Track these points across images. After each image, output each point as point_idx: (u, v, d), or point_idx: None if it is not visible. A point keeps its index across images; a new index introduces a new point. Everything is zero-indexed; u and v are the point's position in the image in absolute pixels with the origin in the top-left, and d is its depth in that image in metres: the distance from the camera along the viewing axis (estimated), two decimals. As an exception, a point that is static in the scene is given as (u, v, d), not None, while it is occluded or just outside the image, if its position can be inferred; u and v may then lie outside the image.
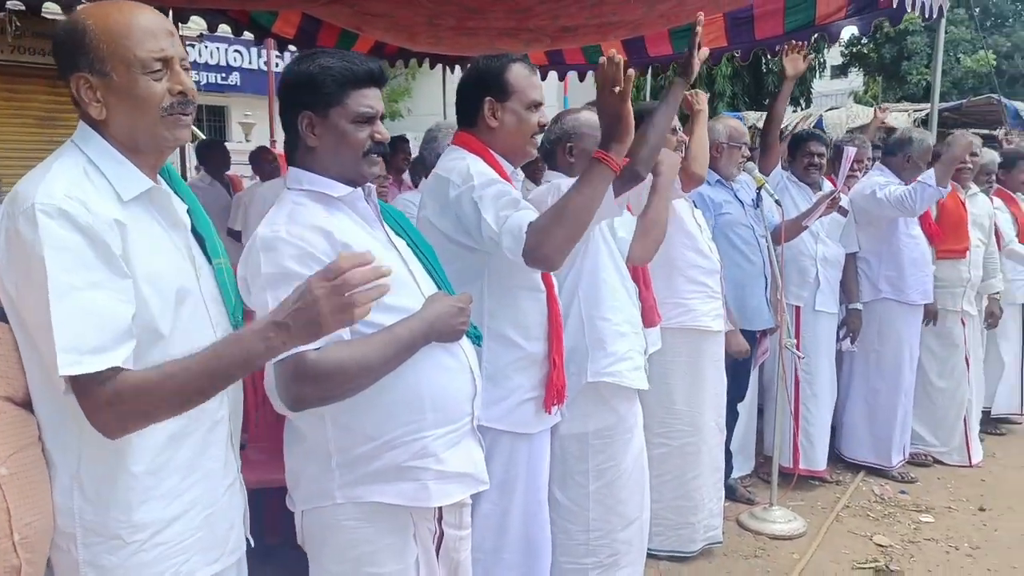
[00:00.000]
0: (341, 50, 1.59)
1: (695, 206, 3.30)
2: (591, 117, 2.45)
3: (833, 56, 19.73)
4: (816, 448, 3.95)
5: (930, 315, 4.10)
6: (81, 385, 1.20)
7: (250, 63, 14.50)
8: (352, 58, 1.56)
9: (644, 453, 2.52)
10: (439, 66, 6.65)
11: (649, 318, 2.67)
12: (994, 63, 14.80)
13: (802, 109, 16.16)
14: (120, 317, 1.22)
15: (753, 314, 3.44)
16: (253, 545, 1.56)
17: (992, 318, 4.40)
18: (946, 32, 16.58)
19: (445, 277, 1.77)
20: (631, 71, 1.73)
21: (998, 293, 4.38)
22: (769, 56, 6.53)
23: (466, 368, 1.64)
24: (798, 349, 3.83)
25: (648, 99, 10.64)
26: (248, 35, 5.76)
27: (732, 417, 3.67)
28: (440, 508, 1.61)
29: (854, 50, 18.41)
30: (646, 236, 2.56)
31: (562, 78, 7.07)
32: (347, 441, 1.51)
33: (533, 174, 3.15)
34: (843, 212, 3.98)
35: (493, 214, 1.81)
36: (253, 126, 14.02)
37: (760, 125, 4.79)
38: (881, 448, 4.07)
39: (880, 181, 3.97)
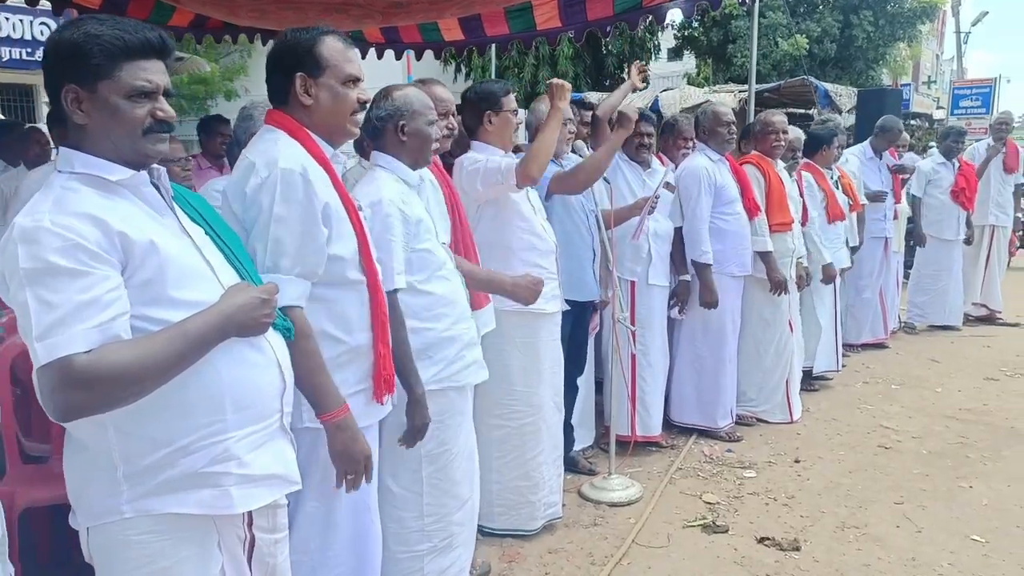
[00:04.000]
0: (114, 16, 1.43)
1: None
2: (421, 95, 2.39)
3: (669, 40, 20.64)
4: (652, 415, 4.13)
5: (777, 286, 4.38)
6: None
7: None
8: (126, 25, 1.41)
9: (473, 434, 2.52)
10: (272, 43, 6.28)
11: (476, 301, 2.66)
12: (807, 47, 16.00)
13: (640, 90, 16.83)
14: None
15: (580, 285, 3.51)
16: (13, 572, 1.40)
17: (801, 280, 4.73)
18: (764, 17, 17.59)
19: (253, 268, 1.66)
20: None
21: (802, 258, 4.73)
22: (607, 39, 6.70)
23: (273, 363, 1.55)
24: (632, 323, 3.99)
25: (493, 76, 10.71)
26: (45, 4, 5.17)
27: (572, 392, 3.77)
28: (250, 512, 1.52)
29: (686, 33, 19.30)
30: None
31: (399, 57, 6.91)
32: (135, 449, 1.37)
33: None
34: (671, 188, 4.16)
35: (273, 256, 1.74)
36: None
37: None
38: (707, 411, 4.31)
39: (702, 162, 4.19)
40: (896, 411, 4.74)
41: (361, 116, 1.96)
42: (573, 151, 3.61)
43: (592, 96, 10.45)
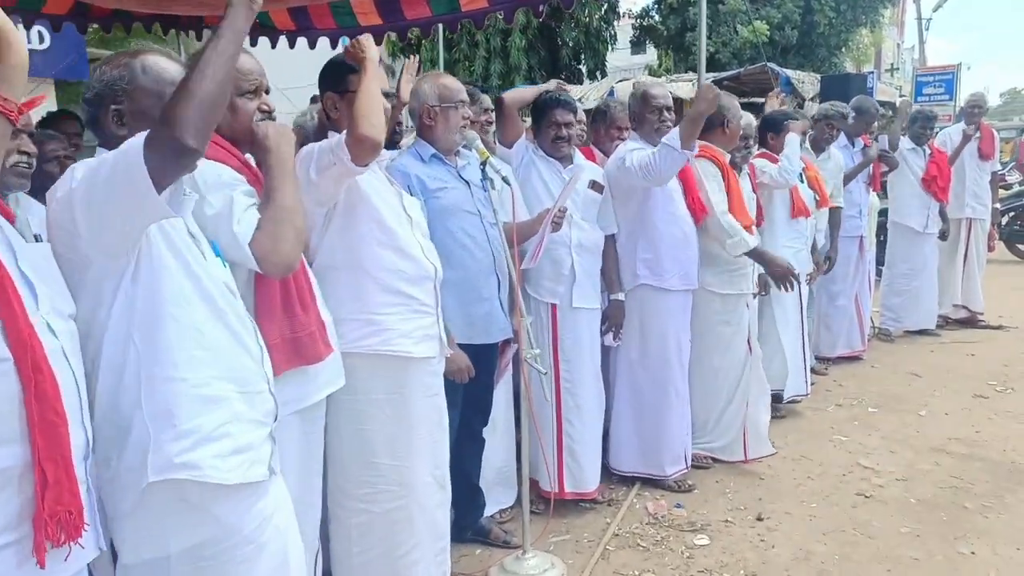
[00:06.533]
0: None
1: (409, 191, 2.57)
2: (164, 64, 1.60)
3: (627, 31, 19.99)
4: (584, 467, 3.35)
5: (784, 277, 3.70)
6: None
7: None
8: None
9: (295, 554, 1.73)
10: (173, 32, 5.38)
11: (313, 349, 1.90)
12: (767, 34, 15.41)
13: (598, 82, 16.14)
14: None
15: (484, 324, 2.76)
16: None
17: (760, 287, 4.00)
18: (724, 4, 17.09)
19: None
20: None
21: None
22: (540, 16, 5.90)
23: None
24: (555, 355, 3.25)
25: (442, 70, 9.93)
26: None
27: (477, 446, 3.02)
28: None
29: (644, 23, 18.67)
30: (277, 229, 1.74)
31: (313, 46, 6.09)
32: None
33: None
34: (598, 188, 3.41)
35: None
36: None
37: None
38: (651, 458, 3.53)
39: (631, 146, 3.42)
40: (875, 444, 4.04)
41: None
42: (466, 140, 2.82)
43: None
